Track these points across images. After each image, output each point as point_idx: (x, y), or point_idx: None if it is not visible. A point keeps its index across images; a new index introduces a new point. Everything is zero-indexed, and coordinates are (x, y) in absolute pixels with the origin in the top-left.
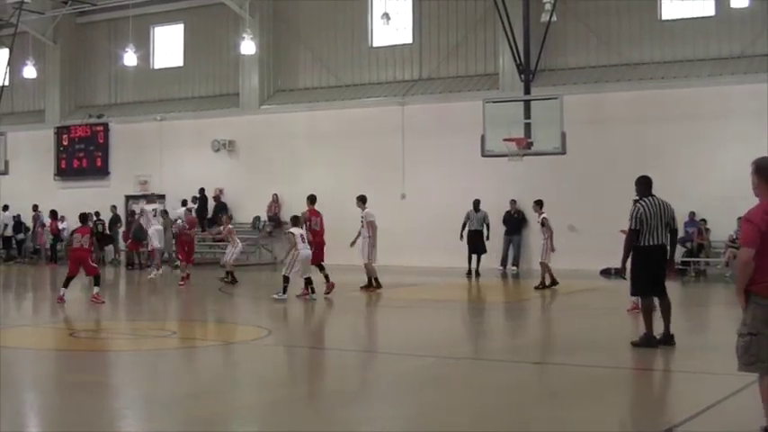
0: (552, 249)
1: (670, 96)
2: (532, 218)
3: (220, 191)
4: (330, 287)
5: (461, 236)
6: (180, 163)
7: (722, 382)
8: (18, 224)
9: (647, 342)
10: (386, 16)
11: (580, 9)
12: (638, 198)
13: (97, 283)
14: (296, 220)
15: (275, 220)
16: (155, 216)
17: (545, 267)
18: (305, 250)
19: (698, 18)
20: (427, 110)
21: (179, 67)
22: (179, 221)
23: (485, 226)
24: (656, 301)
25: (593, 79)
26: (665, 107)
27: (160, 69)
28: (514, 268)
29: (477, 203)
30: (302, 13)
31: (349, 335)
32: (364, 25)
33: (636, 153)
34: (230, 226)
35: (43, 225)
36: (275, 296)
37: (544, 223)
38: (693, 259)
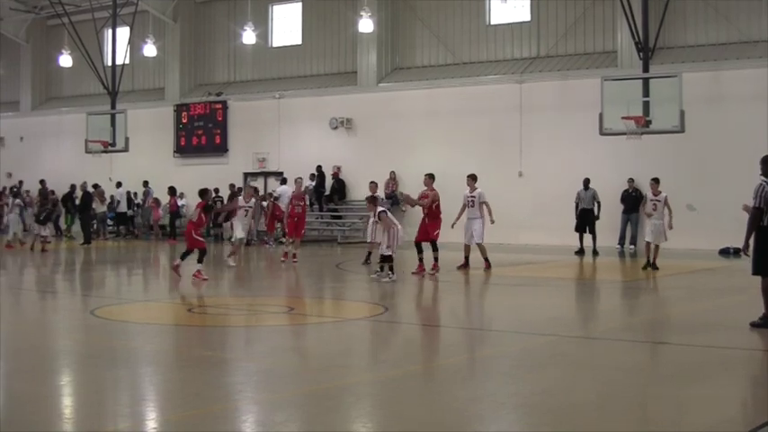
0: (671, 227)
1: None
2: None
3: (338, 168)
4: (435, 268)
5: (576, 215)
6: (298, 140)
7: None
8: (129, 201)
9: (766, 323)
10: None
11: None
12: (764, 177)
13: (200, 260)
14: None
15: (393, 197)
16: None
17: (657, 249)
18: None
19: None
20: (545, 88)
21: (297, 46)
22: (280, 198)
23: (595, 204)
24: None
25: (712, 57)
26: None
27: (278, 47)
28: (632, 247)
29: (587, 182)
30: None
31: (465, 313)
32: (482, 2)
33: (755, 131)
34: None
35: (158, 201)
36: (386, 279)
37: (666, 203)
38: None
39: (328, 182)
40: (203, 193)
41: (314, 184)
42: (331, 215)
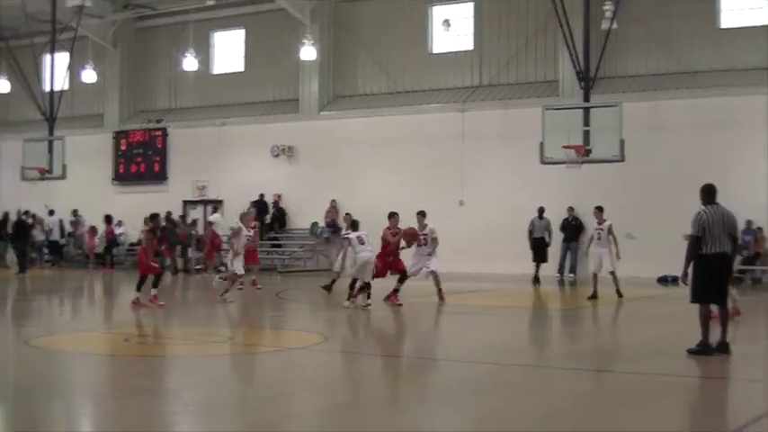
0: (618, 257)
1: (728, 104)
2: (589, 225)
3: (279, 196)
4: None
5: (530, 245)
6: (239, 168)
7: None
8: (62, 229)
9: (703, 350)
10: (446, 23)
11: (640, 16)
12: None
13: (155, 285)
14: (354, 225)
15: (333, 226)
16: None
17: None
18: (364, 253)
19: (757, 26)
20: (487, 116)
21: (239, 73)
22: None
23: (547, 233)
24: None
25: (652, 87)
26: (724, 115)
27: (220, 75)
28: (572, 275)
29: (541, 211)
30: (362, 19)
31: (407, 342)
32: (424, 31)
33: (694, 160)
34: None
35: (94, 229)
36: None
37: (611, 231)
38: (750, 267)
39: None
40: (153, 218)
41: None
42: (271, 244)
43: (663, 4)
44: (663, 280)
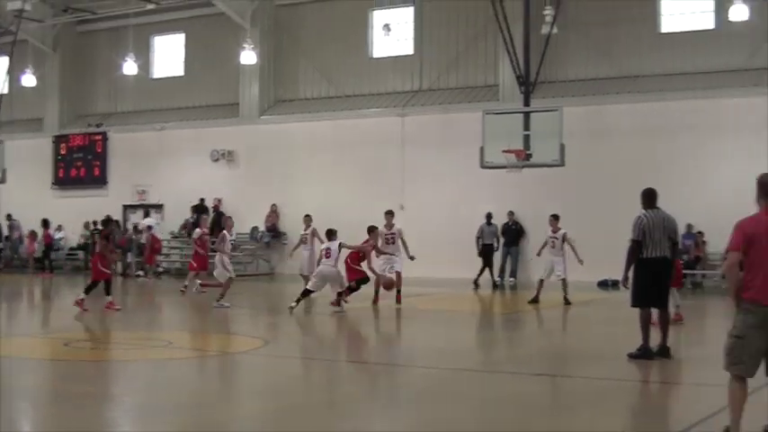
0: (581, 262)
1: (669, 109)
2: (530, 229)
3: (219, 201)
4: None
5: (478, 251)
6: (179, 173)
7: (719, 393)
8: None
9: (643, 354)
10: (386, 27)
11: (580, 21)
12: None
13: (108, 291)
14: (329, 234)
15: (273, 230)
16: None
17: (565, 283)
18: (324, 266)
19: (698, 31)
20: (427, 121)
21: (179, 77)
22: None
23: (495, 239)
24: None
25: (592, 91)
26: (665, 119)
27: (160, 79)
28: (512, 280)
29: (489, 217)
30: (303, 23)
31: (347, 346)
32: (365, 36)
33: (634, 165)
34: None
35: (34, 234)
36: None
37: (565, 239)
38: (690, 272)
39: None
40: (107, 223)
41: (194, 216)
42: (211, 248)
43: (603, 9)
44: (603, 284)
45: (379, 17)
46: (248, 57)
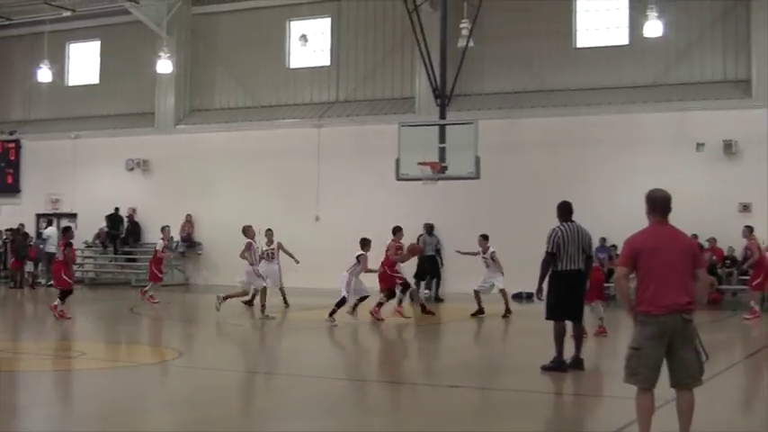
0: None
1: (584, 123)
2: (445, 241)
3: (134, 210)
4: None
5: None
6: (94, 182)
7: (630, 406)
8: None
9: (557, 366)
10: (304, 38)
11: (497, 35)
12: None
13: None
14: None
15: (188, 240)
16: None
17: (504, 294)
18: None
19: (612, 46)
20: (343, 132)
21: (94, 85)
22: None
23: (437, 251)
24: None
25: (508, 105)
26: (579, 133)
27: (75, 86)
28: (427, 292)
29: (430, 228)
30: (220, 32)
31: (265, 357)
32: (282, 46)
33: (550, 178)
34: None
35: None
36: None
37: (494, 258)
38: (604, 285)
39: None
40: (66, 230)
41: (108, 226)
42: (126, 258)
43: (520, 23)
44: (518, 296)
45: (296, 27)
46: (164, 65)
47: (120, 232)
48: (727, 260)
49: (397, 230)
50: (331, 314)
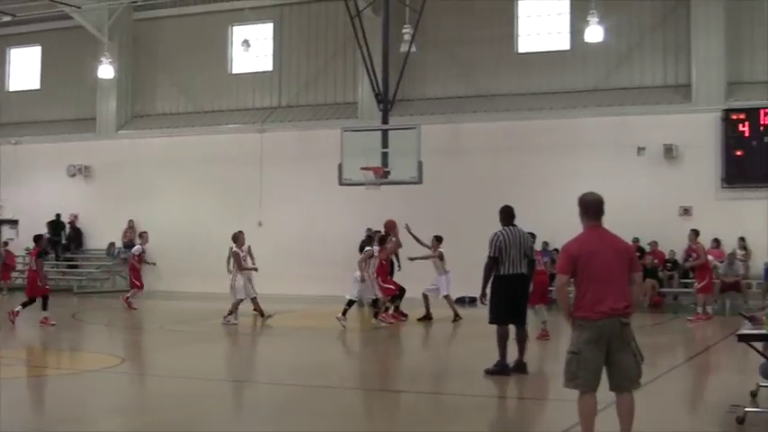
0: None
1: (526, 128)
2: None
3: (75, 216)
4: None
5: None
6: (35, 188)
7: (573, 409)
8: None
9: (500, 370)
10: (246, 43)
11: (439, 40)
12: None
13: (45, 307)
14: (369, 241)
15: (131, 246)
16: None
17: (449, 300)
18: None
19: (554, 51)
20: (286, 137)
21: (35, 90)
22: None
23: (394, 255)
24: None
25: (450, 109)
26: (522, 138)
27: (16, 92)
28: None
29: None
30: (162, 38)
31: (210, 362)
32: (224, 51)
33: (492, 183)
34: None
35: None
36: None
37: (442, 258)
38: (548, 288)
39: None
40: (38, 239)
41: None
42: (67, 264)
43: (462, 28)
44: (461, 300)
45: (238, 33)
46: (106, 71)
47: (62, 238)
48: (668, 263)
49: (382, 239)
50: (343, 313)
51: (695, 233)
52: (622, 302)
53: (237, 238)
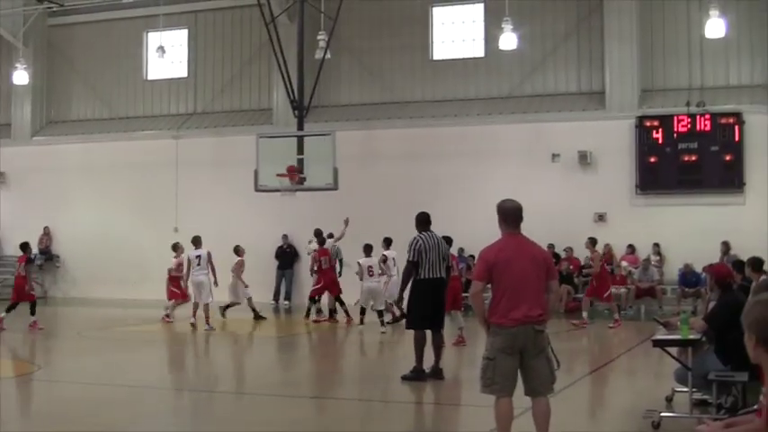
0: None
1: (441, 134)
2: (303, 252)
3: None
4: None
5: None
6: None
7: (490, 414)
8: None
9: (417, 376)
10: (161, 49)
11: (354, 47)
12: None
13: (33, 312)
14: (366, 250)
15: (47, 253)
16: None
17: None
18: (369, 282)
19: (468, 59)
20: (201, 143)
21: None
22: None
23: (338, 261)
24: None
25: (365, 116)
26: (437, 145)
27: None
28: (287, 303)
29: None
30: (77, 43)
31: (125, 370)
32: (140, 58)
33: (407, 189)
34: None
35: None
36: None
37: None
38: (463, 294)
39: None
40: (24, 247)
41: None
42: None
43: (377, 35)
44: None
45: (153, 39)
46: (20, 76)
47: None
48: (583, 269)
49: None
50: (384, 323)
51: (592, 241)
52: (537, 311)
53: (238, 250)
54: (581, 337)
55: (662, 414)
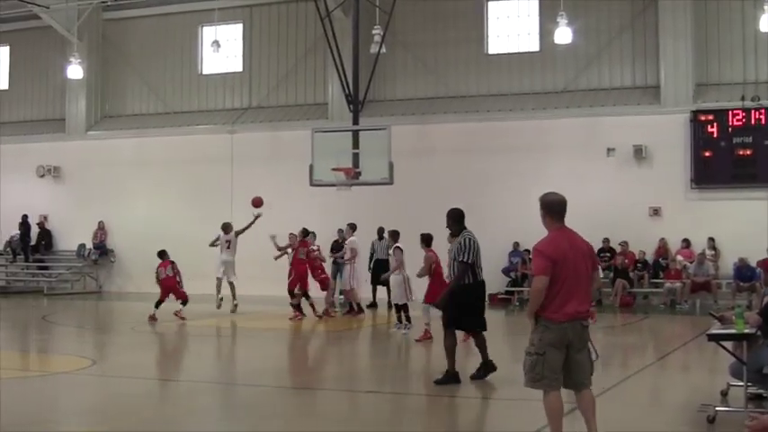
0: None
1: (495, 128)
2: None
3: (45, 218)
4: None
5: (369, 267)
6: (4, 189)
7: (541, 408)
8: None
9: (450, 379)
10: (216, 44)
11: (409, 41)
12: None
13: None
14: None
15: (101, 247)
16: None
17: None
18: (393, 276)
19: (523, 53)
20: (256, 138)
21: (4, 91)
22: None
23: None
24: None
25: (420, 110)
26: (491, 139)
27: None
28: (341, 297)
29: (381, 231)
30: (132, 38)
31: (180, 364)
32: (194, 52)
33: (462, 183)
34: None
35: None
36: (404, 331)
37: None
38: (517, 289)
39: (34, 231)
40: (162, 254)
41: (19, 233)
42: (37, 266)
43: (432, 29)
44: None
45: (208, 33)
46: (75, 71)
47: (30, 239)
48: (638, 264)
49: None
50: (399, 320)
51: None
52: (585, 306)
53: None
54: (634, 332)
55: (717, 408)
